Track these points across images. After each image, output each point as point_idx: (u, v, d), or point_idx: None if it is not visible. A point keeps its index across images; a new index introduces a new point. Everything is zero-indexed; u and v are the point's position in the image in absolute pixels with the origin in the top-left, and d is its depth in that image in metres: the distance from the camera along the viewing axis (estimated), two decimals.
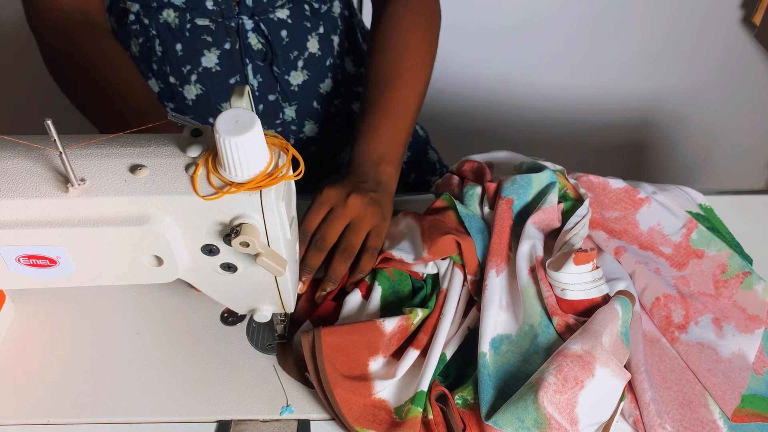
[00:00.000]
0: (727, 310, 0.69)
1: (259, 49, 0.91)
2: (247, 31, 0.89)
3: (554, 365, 0.58)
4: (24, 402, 0.64)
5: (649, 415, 0.61)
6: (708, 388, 0.64)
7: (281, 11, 0.91)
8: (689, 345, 0.66)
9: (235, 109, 0.49)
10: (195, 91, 0.92)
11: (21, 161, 0.52)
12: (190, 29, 0.89)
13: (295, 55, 0.93)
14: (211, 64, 0.90)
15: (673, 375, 0.65)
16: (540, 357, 0.62)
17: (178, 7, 0.88)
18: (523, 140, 1.70)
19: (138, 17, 0.90)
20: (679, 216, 0.73)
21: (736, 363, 0.66)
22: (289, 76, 0.94)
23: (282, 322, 0.67)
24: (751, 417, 0.63)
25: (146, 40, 0.91)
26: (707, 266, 0.71)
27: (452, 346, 0.66)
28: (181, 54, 0.90)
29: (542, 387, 0.57)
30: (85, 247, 0.53)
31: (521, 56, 1.59)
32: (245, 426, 0.63)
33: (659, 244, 0.72)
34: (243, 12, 0.89)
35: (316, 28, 0.94)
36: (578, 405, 0.57)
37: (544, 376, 0.58)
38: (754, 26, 1.52)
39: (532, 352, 0.63)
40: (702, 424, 0.62)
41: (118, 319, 0.71)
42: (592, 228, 0.72)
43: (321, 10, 0.95)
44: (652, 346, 0.67)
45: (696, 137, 1.73)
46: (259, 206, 0.51)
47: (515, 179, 0.73)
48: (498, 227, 0.70)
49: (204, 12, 0.88)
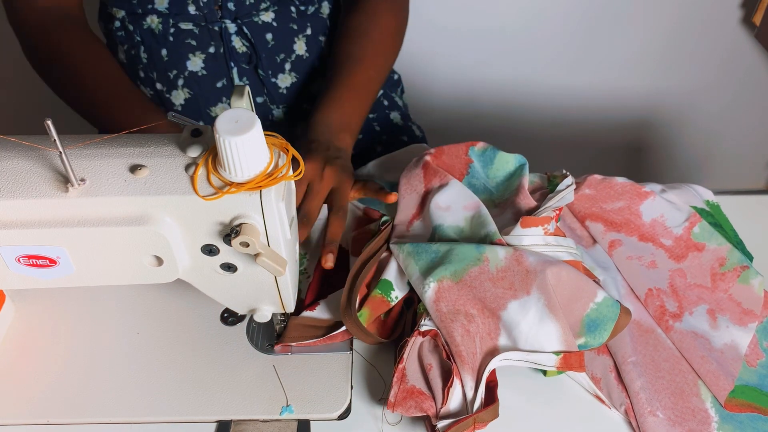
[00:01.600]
0: (722, 303, 0.70)
1: (244, 52, 0.91)
2: (231, 35, 0.89)
3: (505, 256, 0.65)
4: (24, 402, 0.64)
5: (640, 404, 0.62)
6: (701, 374, 0.65)
7: (266, 14, 0.91)
8: (683, 333, 0.67)
9: (235, 109, 0.49)
10: (183, 95, 0.92)
11: (21, 161, 0.52)
12: (174, 34, 0.89)
13: (281, 57, 0.93)
14: (197, 68, 0.90)
15: (667, 365, 0.66)
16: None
17: (161, 13, 0.88)
18: (523, 141, 1.69)
19: (123, 23, 0.90)
20: (683, 210, 0.74)
21: (728, 354, 0.67)
22: (276, 79, 0.94)
23: (282, 322, 0.67)
24: (741, 407, 0.63)
25: (131, 46, 0.91)
26: (706, 259, 0.72)
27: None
28: (166, 59, 0.90)
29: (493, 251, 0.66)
30: (85, 247, 0.53)
31: (520, 57, 1.58)
32: (245, 426, 0.63)
33: (660, 236, 0.73)
34: (226, 16, 0.88)
35: (303, 30, 0.94)
36: (506, 308, 0.64)
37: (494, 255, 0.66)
38: (754, 26, 1.52)
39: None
40: (693, 413, 0.63)
41: (118, 319, 0.71)
42: (590, 220, 0.73)
43: (308, 11, 0.94)
44: (647, 336, 0.68)
45: (696, 137, 1.73)
46: (259, 206, 0.51)
47: (486, 150, 0.78)
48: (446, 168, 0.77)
49: (187, 17, 0.88)
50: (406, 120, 1.06)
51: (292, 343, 0.67)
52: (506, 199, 0.76)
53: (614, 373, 0.65)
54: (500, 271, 0.65)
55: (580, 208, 0.74)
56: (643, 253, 0.72)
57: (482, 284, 0.65)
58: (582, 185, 0.74)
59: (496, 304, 0.64)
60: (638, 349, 0.66)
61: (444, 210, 0.73)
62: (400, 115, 1.06)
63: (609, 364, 0.65)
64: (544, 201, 0.71)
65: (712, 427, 0.62)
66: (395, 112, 1.06)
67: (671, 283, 0.71)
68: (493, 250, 0.66)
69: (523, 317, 0.63)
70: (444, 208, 0.73)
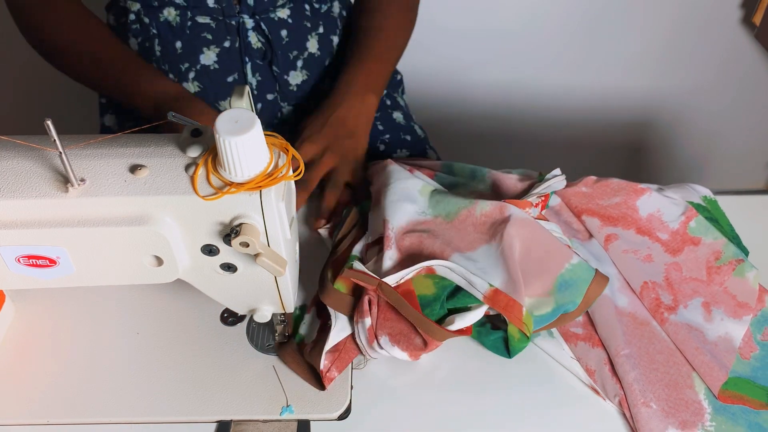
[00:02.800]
0: (717, 296, 0.71)
1: (259, 48, 0.91)
2: (248, 30, 0.90)
3: (491, 204, 0.69)
4: (24, 402, 0.64)
5: (633, 394, 0.63)
6: (695, 366, 0.65)
7: (282, 11, 0.91)
8: (678, 325, 0.68)
9: (235, 109, 0.49)
10: (192, 88, 0.92)
11: (21, 161, 0.52)
12: (190, 27, 0.89)
13: (294, 54, 0.93)
14: (209, 61, 0.91)
15: (661, 357, 0.66)
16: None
17: (179, 5, 0.88)
18: (522, 141, 1.70)
19: (138, 16, 0.90)
20: (680, 204, 0.74)
21: (723, 346, 0.67)
22: (288, 76, 0.94)
23: (282, 322, 0.67)
24: (734, 399, 0.64)
25: (145, 39, 0.91)
26: (702, 253, 0.72)
27: None
28: (180, 52, 0.90)
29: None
30: (85, 247, 0.53)
31: (520, 58, 1.58)
32: (245, 426, 0.63)
33: (656, 230, 0.73)
34: (244, 11, 0.89)
35: (316, 28, 0.95)
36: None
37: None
38: (754, 26, 1.52)
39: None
40: (687, 404, 0.63)
41: (118, 319, 0.71)
42: (586, 215, 0.74)
43: (321, 10, 0.95)
44: (642, 328, 0.68)
45: (696, 137, 1.73)
46: (259, 206, 0.51)
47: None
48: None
49: (205, 10, 0.88)
50: (408, 120, 1.07)
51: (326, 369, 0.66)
52: (489, 188, 0.78)
53: (608, 366, 0.65)
54: (483, 216, 0.69)
55: (576, 203, 0.74)
56: (639, 246, 0.73)
57: (466, 228, 0.69)
58: (578, 184, 0.75)
59: (470, 246, 0.68)
60: (632, 342, 0.66)
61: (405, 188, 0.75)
62: (402, 115, 1.06)
63: (603, 357, 0.66)
64: (532, 188, 0.73)
65: (705, 418, 0.62)
66: (398, 112, 1.06)
67: (667, 277, 0.71)
68: (484, 201, 0.70)
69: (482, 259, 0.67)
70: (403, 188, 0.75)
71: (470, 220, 0.70)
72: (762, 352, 0.68)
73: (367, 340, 0.64)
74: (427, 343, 0.64)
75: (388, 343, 0.64)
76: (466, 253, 0.68)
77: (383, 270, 0.67)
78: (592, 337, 0.68)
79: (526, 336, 0.64)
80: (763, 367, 0.67)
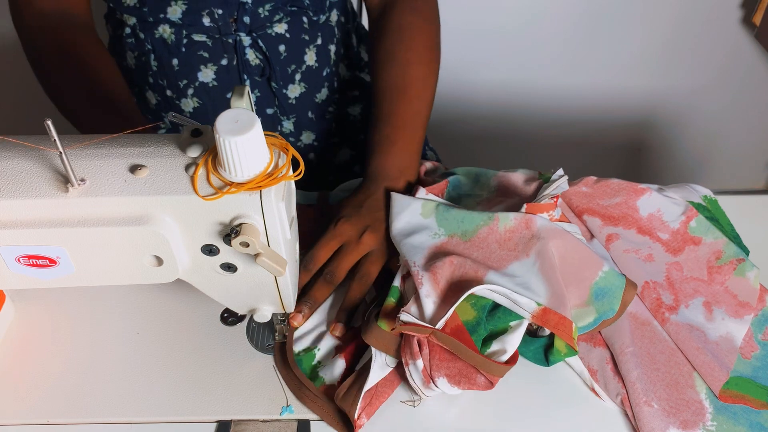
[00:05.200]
0: (718, 295, 0.71)
1: (257, 65, 0.89)
2: (245, 48, 0.88)
3: (515, 218, 0.67)
4: (24, 402, 0.64)
5: (635, 393, 0.63)
6: (696, 366, 0.65)
7: (279, 26, 0.89)
8: (679, 325, 0.68)
9: (235, 109, 0.49)
10: (192, 104, 0.91)
11: (21, 161, 0.52)
12: (186, 45, 0.87)
13: (292, 68, 0.92)
14: (207, 79, 0.89)
15: (662, 357, 0.66)
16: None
17: (174, 23, 0.86)
18: (523, 141, 1.70)
19: (134, 31, 0.89)
20: (680, 204, 0.74)
21: (724, 346, 0.67)
22: (286, 90, 0.93)
23: (282, 322, 0.67)
24: (735, 399, 0.64)
25: (141, 53, 0.90)
26: (703, 252, 0.72)
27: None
28: (177, 69, 0.89)
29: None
30: (85, 247, 0.53)
31: (520, 58, 1.58)
32: (245, 426, 0.63)
33: (657, 230, 0.73)
34: (240, 29, 0.86)
35: (314, 40, 0.93)
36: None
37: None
38: (754, 26, 1.52)
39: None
40: (688, 404, 0.63)
41: (118, 319, 0.71)
42: (587, 215, 0.74)
43: (319, 20, 0.93)
44: (643, 328, 0.68)
45: (696, 137, 1.73)
46: (259, 206, 0.51)
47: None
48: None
49: (201, 28, 0.86)
50: None
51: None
52: (494, 191, 0.76)
53: (611, 365, 0.65)
54: (508, 231, 0.67)
55: (577, 203, 0.74)
56: (640, 246, 0.73)
57: (489, 246, 0.67)
58: (578, 184, 0.75)
59: (499, 264, 0.66)
60: (634, 342, 0.66)
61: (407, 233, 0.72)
62: None
63: (606, 356, 0.66)
64: (540, 190, 0.72)
65: (707, 418, 0.62)
66: None
67: (668, 276, 0.71)
68: (504, 214, 0.68)
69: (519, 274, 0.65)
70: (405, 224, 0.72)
71: (493, 237, 0.68)
72: (763, 351, 0.68)
73: (423, 382, 0.62)
74: (492, 382, 0.61)
75: (446, 384, 0.62)
76: (500, 270, 0.65)
77: (427, 315, 0.63)
78: (594, 336, 0.68)
79: (575, 350, 0.63)
80: (764, 366, 0.67)
